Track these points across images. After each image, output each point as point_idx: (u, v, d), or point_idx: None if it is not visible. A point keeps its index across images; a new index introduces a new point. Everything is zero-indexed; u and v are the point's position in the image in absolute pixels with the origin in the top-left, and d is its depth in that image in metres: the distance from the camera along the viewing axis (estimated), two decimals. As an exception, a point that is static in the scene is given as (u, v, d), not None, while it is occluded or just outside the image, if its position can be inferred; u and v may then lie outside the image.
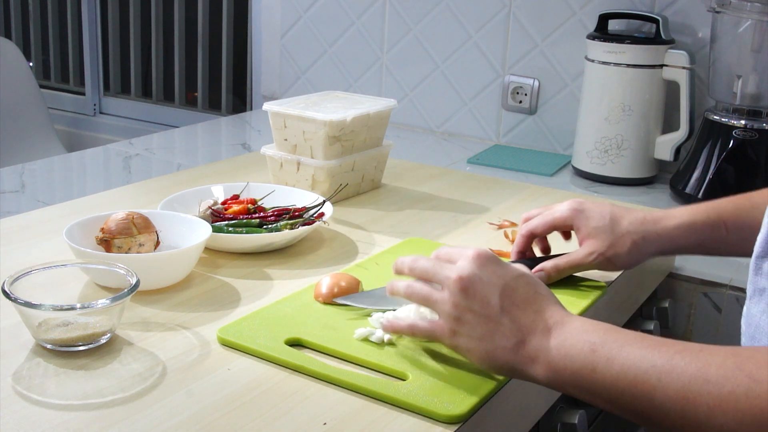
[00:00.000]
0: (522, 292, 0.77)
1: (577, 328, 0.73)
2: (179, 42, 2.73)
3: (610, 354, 0.69)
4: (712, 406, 0.61)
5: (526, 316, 0.76)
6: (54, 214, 1.22)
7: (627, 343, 0.69)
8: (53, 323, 0.84)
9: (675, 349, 0.66)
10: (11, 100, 2.52)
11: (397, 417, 0.76)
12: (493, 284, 0.77)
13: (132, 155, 1.81)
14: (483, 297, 0.77)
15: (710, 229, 1.00)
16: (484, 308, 0.76)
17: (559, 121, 1.92)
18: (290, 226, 1.13)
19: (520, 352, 0.75)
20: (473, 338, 0.77)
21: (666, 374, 0.64)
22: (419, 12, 2.03)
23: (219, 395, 0.78)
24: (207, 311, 0.95)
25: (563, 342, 0.72)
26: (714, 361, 0.63)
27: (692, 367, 0.63)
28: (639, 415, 0.67)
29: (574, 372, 0.71)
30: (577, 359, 0.71)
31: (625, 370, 0.67)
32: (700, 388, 0.62)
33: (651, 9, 1.75)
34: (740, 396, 0.59)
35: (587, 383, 0.70)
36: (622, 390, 0.67)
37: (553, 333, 0.74)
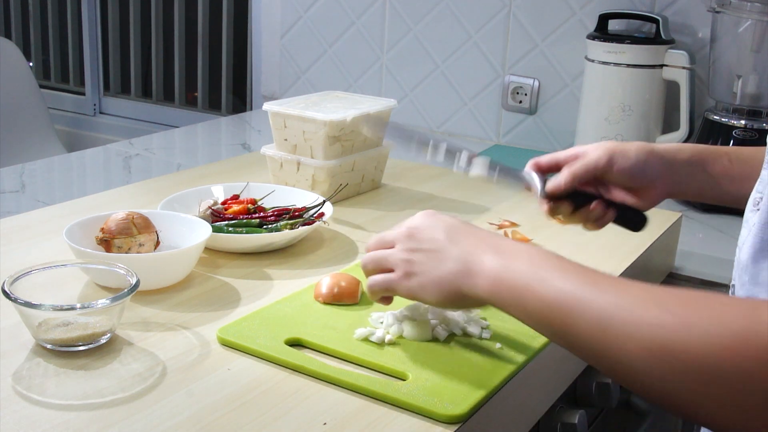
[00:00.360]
0: (469, 228, 0.82)
1: (522, 250, 0.76)
2: (179, 42, 2.73)
3: (546, 276, 0.70)
4: (625, 333, 0.62)
5: (472, 242, 0.79)
6: (54, 214, 1.22)
7: (564, 268, 0.70)
8: (53, 323, 0.84)
9: (607, 280, 0.68)
10: (11, 100, 2.52)
11: (397, 417, 0.76)
12: (438, 225, 0.82)
13: (132, 155, 1.81)
14: (430, 236, 0.82)
15: (713, 155, 0.97)
16: (431, 244, 0.81)
17: (559, 121, 1.91)
18: (290, 226, 1.13)
19: (466, 271, 0.77)
20: (424, 273, 0.80)
21: (592, 301, 0.65)
22: (419, 12, 2.03)
23: (219, 395, 0.78)
24: (207, 311, 0.95)
25: (506, 260, 0.75)
26: (638, 293, 0.64)
27: (616, 297, 0.64)
28: (562, 338, 0.69)
29: (512, 289, 0.73)
30: (515, 277, 0.73)
31: (557, 293, 0.68)
32: (618, 315, 0.63)
33: (651, 9, 1.75)
34: (653, 324, 0.60)
35: (521, 301, 0.72)
36: (551, 312, 0.69)
37: (499, 252, 0.76)
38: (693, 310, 0.59)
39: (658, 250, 1.27)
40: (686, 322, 0.58)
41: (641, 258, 1.18)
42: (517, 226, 1.27)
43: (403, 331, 0.88)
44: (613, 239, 1.23)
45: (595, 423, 1.20)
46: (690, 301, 0.60)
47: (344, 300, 0.96)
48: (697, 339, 0.57)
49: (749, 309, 0.56)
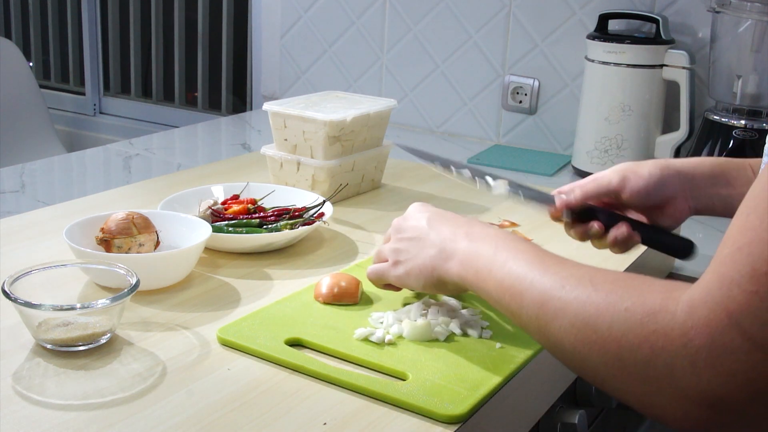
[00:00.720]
0: (449, 215, 0.88)
1: (490, 234, 0.80)
2: (179, 42, 2.73)
3: (504, 258, 0.75)
4: (558, 309, 0.65)
5: (450, 228, 0.85)
6: (54, 214, 1.22)
7: (521, 251, 0.75)
8: (53, 323, 0.84)
9: (554, 261, 0.71)
10: (11, 100, 2.52)
11: (397, 417, 0.76)
12: (421, 214, 0.90)
13: (132, 155, 1.81)
14: (414, 225, 0.89)
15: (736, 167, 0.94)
16: (414, 232, 0.88)
17: (559, 121, 1.92)
18: (290, 226, 1.13)
19: (442, 255, 0.84)
20: (409, 261, 0.88)
21: (536, 280, 0.69)
22: (419, 12, 2.03)
23: (219, 395, 0.78)
24: (207, 311, 0.95)
25: (475, 244, 0.80)
26: (576, 273, 0.67)
27: (557, 277, 0.67)
28: (513, 316, 0.72)
29: (477, 271, 0.78)
30: (480, 260, 0.78)
31: (510, 274, 0.73)
32: (555, 293, 0.66)
33: (651, 9, 1.75)
34: (581, 302, 0.63)
35: (483, 282, 0.77)
36: (504, 291, 0.73)
37: (471, 237, 0.82)
38: (618, 288, 0.61)
39: (658, 250, 1.27)
40: (611, 298, 0.61)
41: (641, 258, 1.18)
42: (517, 226, 1.27)
43: (403, 331, 0.88)
44: (613, 239, 1.23)
45: (595, 423, 1.20)
46: (618, 280, 0.63)
47: (344, 300, 0.96)
48: (616, 314, 0.59)
49: (668, 290, 0.58)
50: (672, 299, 0.57)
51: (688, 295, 0.56)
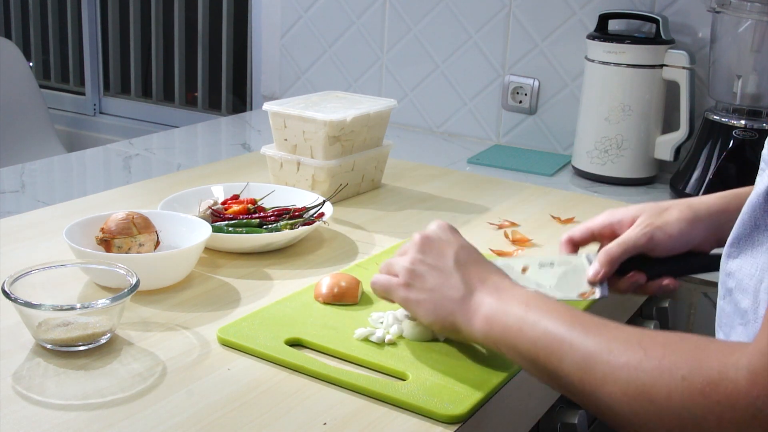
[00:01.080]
0: (475, 256, 0.84)
1: (519, 293, 0.78)
2: (179, 42, 2.73)
3: (537, 318, 0.72)
4: (606, 374, 0.63)
5: (477, 275, 0.81)
6: (54, 214, 1.22)
7: (554, 310, 0.72)
8: (53, 323, 0.84)
9: (593, 321, 0.69)
10: (11, 100, 2.52)
11: (397, 417, 0.76)
12: (450, 243, 0.84)
13: (132, 155, 1.81)
14: (439, 252, 0.84)
15: None
16: (438, 261, 0.83)
17: (559, 121, 1.91)
18: (290, 226, 1.13)
19: (464, 304, 0.80)
20: (424, 290, 0.82)
21: (577, 342, 0.67)
22: (419, 12, 2.03)
23: (219, 395, 0.78)
24: (207, 311, 0.95)
25: (503, 302, 0.77)
26: (621, 335, 0.65)
27: (600, 338, 0.66)
28: (550, 378, 0.70)
29: (504, 329, 0.75)
30: (509, 319, 0.75)
31: (545, 333, 0.71)
32: (601, 357, 0.64)
33: (651, 9, 1.75)
34: (631, 367, 0.61)
35: (513, 341, 0.74)
36: (539, 352, 0.71)
37: (497, 293, 0.79)
38: (671, 354, 0.60)
39: (658, 250, 1.26)
40: (663, 366, 0.59)
41: (641, 258, 1.18)
42: (517, 226, 1.27)
43: (403, 331, 0.88)
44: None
45: (595, 423, 1.20)
46: (669, 344, 0.61)
47: (344, 300, 0.96)
48: (672, 383, 0.58)
49: (723, 354, 0.57)
50: (731, 366, 0.56)
51: (747, 360, 0.55)
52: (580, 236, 0.96)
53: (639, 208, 0.93)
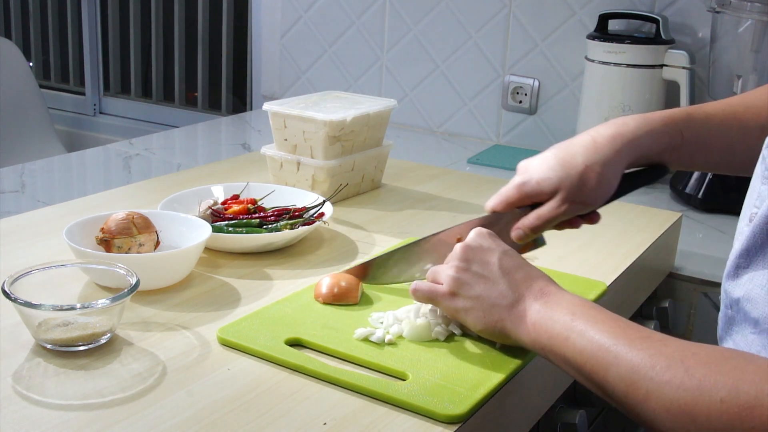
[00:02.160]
0: (519, 260, 0.85)
1: (565, 298, 0.79)
2: (179, 42, 2.73)
3: (583, 326, 0.74)
4: (650, 391, 0.65)
5: (523, 280, 0.82)
6: (54, 214, 1.22)
7: (600, 320, 0.74)
8: (53, 323, 0.84)
9: (639, 334, 0.71)
10: (11, 100, 2.52)
11: (397, 417, 0.76)
12: (492, 250, 0.85)
13: (132, 155, 1.81)
14: (483, 259, 0.84)
15: (668, 135, 0.93)
16: (484, 269, 0.84)
17: (559, 121, 1.92)
18: (290, 226, 1.13)
19: (513, 311, 0.81)
20: (471, 298, 0.84)
21: (622, 354, 0.69)
22: (419, 12, 2.03)
23: (219, 395, 0.78)
24: (207, 311, 0.95)
25: (549, 308, 0.79)
26: (665, 351, 0.67)
27: (645, 353, 0.67)
28: (596, 387, 0.72)
29: (551, 337, 0.77)
30: (556, 326, 0.77)
31: (591, 343, 0.72)
32: (645, 373, 0.66)
33: (651, 9, 1.75)
34: (674, 386, 0.63)
35: (560, 349, 0.76)
36: (585, 361, 0.72)
37: (544, 299, 0.80)
38: (712, 374, 0.62)
39: (658, 250, 1.27)
40: (705, 386, 0.61)
41: (641, 258, 1.18)
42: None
43: (403, 331, 0.88)
44: (613, 239, 1.23)
45: (595, 423, 1.20)
46: (712, 362, 0.63)
47: (344, 300, 0.96)
48: (712, 405, 0.60)
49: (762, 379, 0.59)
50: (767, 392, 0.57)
51: None
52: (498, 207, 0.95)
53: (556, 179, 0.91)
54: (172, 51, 2.75)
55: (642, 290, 1.26)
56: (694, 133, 0.93)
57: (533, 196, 0.93)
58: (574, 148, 0.92)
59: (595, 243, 1.21)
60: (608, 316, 0.75)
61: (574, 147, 0.92)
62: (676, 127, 0.93)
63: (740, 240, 0.74)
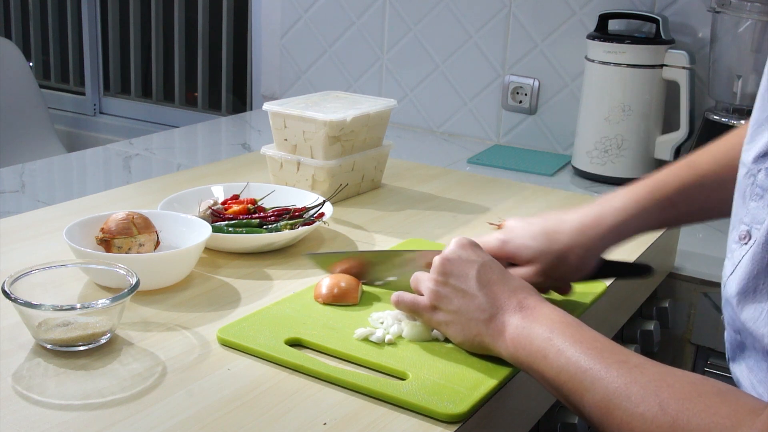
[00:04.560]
0: (498, 273, 0.83)
1: (544, 315, 0.78)
2: (179, 42, 2.73)
3: (562, 346, 0.74)
4: (624, 422, 0.65)
5: (501, 293, 0.81)
6: (54, 214, 1.22)
7: (579, 340, 0.73)
8: (53, 323, 0.84)
9: (616, 358, 0.70)
10: (11, 100, 2.52)
11: (397, 417, 0.76)
12: (471, 261, 0.84)
13: (132, 155, 1.81)
14: (462, 272, 0.83)
15: (659, 211, 0.92)
16: (462, 283, 0.83)
17: (559, 121, 1.92)
18: (290, 226, 1.13)
19: (491, 325, 0.81)
20: (450, 312, 0.84)
21: (599, 380, 0.69)
22: (419, 12, 2.03)
23: (219, 395, 0.78)
24: (207, 311, 0.95)
25: (528, 324, 0.78)
26: (641, 379, 0.66)
27: (621, 380, 0.67)
28: (573, 408, 0.72)
29: (530, 354, 0.76)
30: (534, 343, 0.76)
31: (568, 364, 0.72)
32: (620, 402, 0.66)
33: (651, 9, 1.75)
34: (647, 420, 0.63)
35: (538, 367, 0.76)
36: (563, 382, 0.72)
37: (522, 312, 0.79)
38: (685, 412, 0.62)
39: (658, 250, 1.27)
40: (677, 425, 0.61)
41: (641, 258, 1.18)
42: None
43: (403, 331, 0.88)
44: (613, 239, 1.23)
45: (595, 423, 1.20)
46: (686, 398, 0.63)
47: (344, 300, 0.96)
48: None
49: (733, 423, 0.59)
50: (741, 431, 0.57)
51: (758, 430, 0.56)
52: None
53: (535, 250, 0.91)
54: (172, 51, 2.75)
55: (642, 290, 1.26)
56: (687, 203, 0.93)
57: (510, 258, 0.93)
58: (562, 225, 0.92)
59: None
60: (588, 335, 0.74)
61: (562, 224, 0.92)
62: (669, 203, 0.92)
63: (732, 260, 0.72)
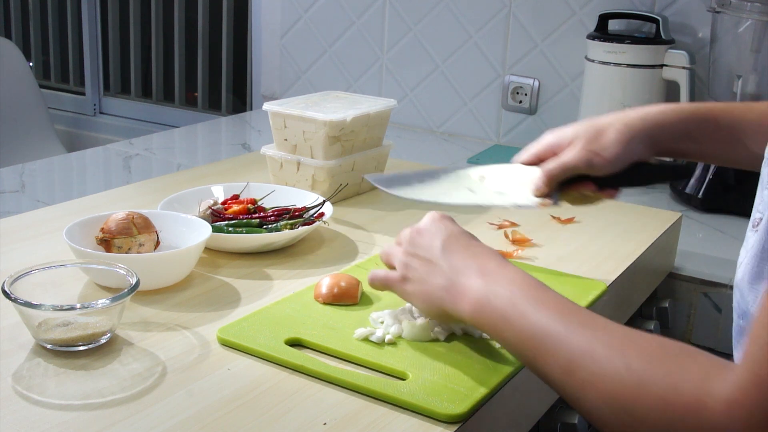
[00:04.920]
0: (464, 241, 0.83)
1: (506, 277, 0.77)
2: (179, 42, 2.73)
3: (525, 310, 0.72)
4: (587, 381, 0.63)
5: (463, 260, 0.81)
6: (54, 214, 1.22)
7: (542, 302, 0.72)
8: (53, 323, 0.84)
9: (580, 319, 0.69)
10: (11, 100, 2.52)
11: (397, 417, 0.76)
12: (439, 232, 0.84)
13: (132, 155, 1.81)
14: (428, 243, 0.84)
15: (698, 119, 0.94)
16: (427, 252, 0.83)
17: (559, 121, 1.91)
18: (290, 226, 1.13)
19: (452, 290, 0.80)
20: (417, 281, 0.84)
21: (561, 342, 0.67)
22: (419, 12, 2.03)
23: (219, 395, 0.78)
24: (207, 311, 0.95)
25: (490, 286, 0.76)
26: (605, 339, 0.65)
27: (584, 341, 0.66)
28: (536, 371, 0.71)
29: (493, 318, 0.75)
30: (497, 307, 0.75)
31: (531, 328, 0.71)
32: (583, 362, 0.64)
33: (651, 9, 1.75)
34: (612, 378, 0.61)
35: (501, 330, 0.74)
36: (525, 346, 0.71)
37: (484, 276, 0.78)
38: (652, 369, 0.60)
39: (658, 250, 1.27)
40: (643, 383, 0.59)
41: (641, 258, 1.18)
42: (517, 226, 1.27)
43: (403, 331, 0.88)
44: (613, 239, 1.23)
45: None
46: (652, 357, 0.61)
47: (344, 300, 0.96)
48: (651, 402, 0.58)
49: (702, 379, 0.57)
50: (710, 396, 0.55)
51: (727, 393, 0.54)
52: (525, 160, 1.00)
53: (576, 131, 0.96)
54: (172, 51, 2.75)
55: (642, 290, 1.26)
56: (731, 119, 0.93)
57: (555, 145, 0.96)
58: (604, 116, 0.96)
59: (595, 243, 1.21)
60: (551, 296, 0.73)
61: (604, 115, 0.96)
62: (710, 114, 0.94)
63: (746, 248, 0.73)
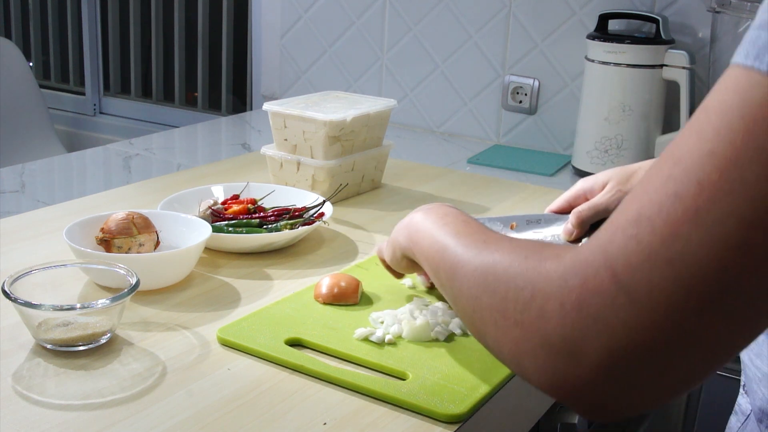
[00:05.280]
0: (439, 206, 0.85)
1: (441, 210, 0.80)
2: (179, 42, 2.73)
3: (431, 226, 0.77)
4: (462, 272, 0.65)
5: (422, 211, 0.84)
6: (54, 214, 1.22)
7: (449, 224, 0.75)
8: (53, 323, 0.84)
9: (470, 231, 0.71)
10: (11, 100, 2.52)
11: (397, 417, 0.76)
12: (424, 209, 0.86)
13: (132, 155, 1.81)
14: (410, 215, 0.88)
15: None
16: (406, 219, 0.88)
17: (559, 121, 1.91)
18: (290, 226, 1.13)
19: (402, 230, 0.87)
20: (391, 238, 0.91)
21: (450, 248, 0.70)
22: (419, 12, 2.03)
23: (219, 395, 0.78)
24: (207, 311, 0.95)
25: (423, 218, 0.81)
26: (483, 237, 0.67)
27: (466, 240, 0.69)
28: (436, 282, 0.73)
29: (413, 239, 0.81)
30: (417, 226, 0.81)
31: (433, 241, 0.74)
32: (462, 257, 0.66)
33: (651, 9, 1.75)
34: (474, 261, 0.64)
35: (417, 249, 0.79)
36: (427, 258, 0.75)
37: (425, 213, 0.82)
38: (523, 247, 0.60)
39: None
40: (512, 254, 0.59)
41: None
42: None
43: (403, 331, 0.88)
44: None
45: (595, 423, 1.20)
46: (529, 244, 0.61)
47: (344, 300, 0.96)
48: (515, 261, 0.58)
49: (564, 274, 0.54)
50: (569, 248, 0.55)
51: (573, 253, 0.53)
52: (558, 208, 1.03)
53: (608, 175, 1.00)
54: (172, 51, 2.75)
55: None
56: None
57: (587, 190, 0.99)
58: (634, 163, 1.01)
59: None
60: (457, 218, 0.76)
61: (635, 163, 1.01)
62: None
63: None
